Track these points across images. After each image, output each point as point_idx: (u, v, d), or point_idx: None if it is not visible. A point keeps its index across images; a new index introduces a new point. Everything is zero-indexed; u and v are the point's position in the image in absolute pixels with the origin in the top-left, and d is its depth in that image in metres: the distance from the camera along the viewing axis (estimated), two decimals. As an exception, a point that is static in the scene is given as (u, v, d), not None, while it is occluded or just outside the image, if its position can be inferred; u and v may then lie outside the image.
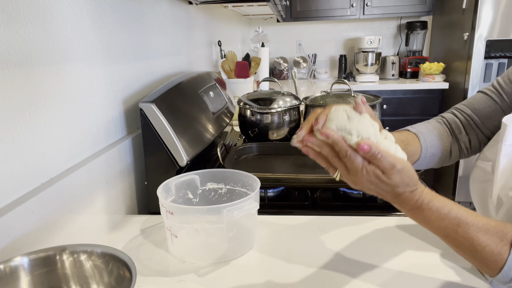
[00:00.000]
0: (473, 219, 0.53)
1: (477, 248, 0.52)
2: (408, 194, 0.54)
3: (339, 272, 0.68)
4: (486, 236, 0.52)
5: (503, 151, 0.62)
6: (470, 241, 0.52)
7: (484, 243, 0.52)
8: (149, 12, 1.19)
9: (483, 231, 0.52)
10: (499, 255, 0.51)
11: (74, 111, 0.79)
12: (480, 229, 0.53)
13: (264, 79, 1.63)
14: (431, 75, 3.04)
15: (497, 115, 0.74)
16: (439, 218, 0.54)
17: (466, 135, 0.78)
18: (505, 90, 0.74)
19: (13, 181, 0.62)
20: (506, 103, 0.73)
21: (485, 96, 0.76)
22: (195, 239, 0.75)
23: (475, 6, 2.63)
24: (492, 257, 0.52)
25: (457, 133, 0.79)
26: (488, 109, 0.75)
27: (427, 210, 0.54)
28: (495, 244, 0.52)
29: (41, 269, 0.55)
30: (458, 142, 0.79)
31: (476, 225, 0.53)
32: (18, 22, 0.63)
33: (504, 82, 0.74)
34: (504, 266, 0.51)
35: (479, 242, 0.52)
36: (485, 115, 0.76)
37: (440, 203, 0.54)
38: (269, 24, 3.70)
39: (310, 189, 1.08)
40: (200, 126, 1.11)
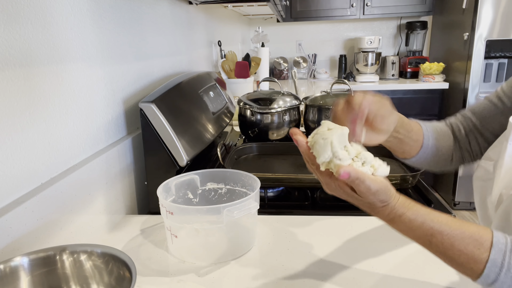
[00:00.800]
0: (448, 229, 0.54)
1: (452, 256, 0.53)
2: (380, 208, 0.55)
3: (339, 272, 0.68)
4: (462, 245, 0.52)
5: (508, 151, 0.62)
6: (444, 250, 0.53)
7: (459, 252, 0.52)
8: (149, 12, 1.19)
9: (458, 240, 0.53)
10: (475, 263, 0.51)
11: (74, 111, 0.79)
12: (455, 238, 0.53)
13: (264, 79, 1.63)
14: (431, 75, 3.04)
15: (498, 117, 0.74)
16: (412, 230, 0.55)
17: (467, 138, 0.79)
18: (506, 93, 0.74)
19: (13, 181, 0.62)
20: (507, 106, 0.74)
21: (487, 100, 0.78)
22: (195, 239, 0.75)
23: (475, 6, 2.63)
24: (468, 265, 0.52)
25: (459, 136, 0.80)
26: (487, 112, 0.76)
27: (399, 222, 0.56)
28: (474, 250, 0.52)
29: (41, 269, 0.55)
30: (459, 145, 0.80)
31: (450, 234, 0.53)
32: (18, 22, 0.63)
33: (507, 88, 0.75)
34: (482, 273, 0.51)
35: (453, 251, 0.53)
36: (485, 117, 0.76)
37: (413, 215, 0.55)
38: (269, 24, 3.70)
39: (310, 189, 1.08)
40: (200, 126, 1.11)
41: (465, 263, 0.52)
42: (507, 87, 0.75)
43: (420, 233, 0.55)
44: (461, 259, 0.52)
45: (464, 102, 2.82)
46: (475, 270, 0.51)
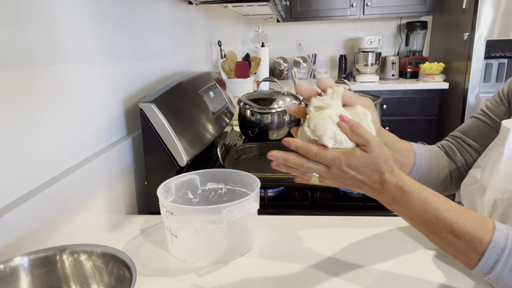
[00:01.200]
0: (452, 206, 0.53)
1: (457, 235, 0.51)
2: (389, 175, 0.52)
3: (339, 272, 0.68)
4: (467, 224, 0.51)
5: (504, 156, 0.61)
6: (450, 228, 0.51)
7: (464, 230, 0.51)
8: (149, 12, 1.19)
9: (463, 218, 0.52)
10: (479, 243, 0.50)
11: (74, 111, 0.79)
12: (459, 216, 0.52)
13: (264, 79, 1.63)
14: (431, 75, 3.04)
15: (489, 134, 0.76)
16: (421, 201, 0.52)
17: (461, 156, 0.80)
18: (492, 110, 0.76)
19: (13, 181, 0.62)
20: (496, 122, 0.76)
21: (475, 119, 0.79)
22: (195, 239, 0.75)
23: (475, 6, 2.63)
24: (472, 245, 0.51)
25: (452, 155, 0.81)
26: (478, 130, 0.78)
27: (408, 193, 0.53)
28: (477, 230, 0.51)
29: (41, 269, 0.55)
30: (455, 164, 0.81)
31: (455, 211, 0.52)
32: (18, 22, 0.63)
33: (491, 104, 0.77)
34: (484, 253, 0.50)
35: (459, 229, 0.51)
36: (478, 136, 0.78)
37: (419, 185, 0.54)
38: (269, 24, 3.70)
39: (310, 189, 1.08)
40: (200, 126, 1.11)
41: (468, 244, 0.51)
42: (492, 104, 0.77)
43: (428, 206, 0.52)
44: (466, 238, 0.51)
45: (464, 102, 2.82)
46: (477, 251, 0.50)
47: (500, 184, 0.62)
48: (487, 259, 0.50)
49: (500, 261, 0.50)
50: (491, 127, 0.76)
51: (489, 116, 0.77)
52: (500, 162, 0.62)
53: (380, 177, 0.52)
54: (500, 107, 0.75)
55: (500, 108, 0.75)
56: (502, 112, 0.75)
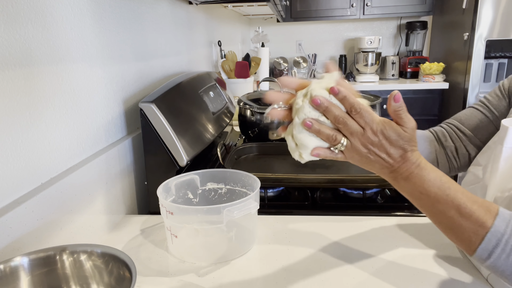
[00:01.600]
0: (461, 188, 0.54)
1: (464, 215, 0.52)
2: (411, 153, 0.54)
3: (339, 272, 0.68)
4: (474, 206, 0.52)
5: (503, 154, 0.62)
6: (458, 208, 0.52)
7: (471, 211, 0.52)
8: (149, 12, 1.19)
9: (471, 200, 0.53)
10: (482, 225, 0.51)
11: (74, 111, 0.79)
12: (468, 198, 0.53)
13: (264, 79, 1.63)
14: (431, 75, 3.04)
15: (486, 125, 0.76)
16: (435, 179, 0.54)
17: (452, 142, 0.81)
18: (493, 104, 0.76)
19: (13, 181, 0.62)
20: (494, 115, 0.76)
21: (473, 109, 0.80)
22: (195, 239, 0.75)
23: (475, 6, 2.63)
24: (475, 227, 0.52)
25: (443, 140, 0.82)
26: (476, 120, 0.78)
27: (425, 169, 0.54)
28: (482, 213, 0.52)
29: (41, 269, 0.55)
30: (444, 150, 0.81)
31: (464, 193, 0.53)
32: (18, 22, 0.63)
33: (491, 97, 0.77)
34: (485, 238, 0.51)
35: (466, 210, 0.52)
36: (474, 126, 0.78)
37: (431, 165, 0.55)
38: (269, 24, 3.70)
39: (310, 189, 1.08)
40: (200, 126, 1.11)
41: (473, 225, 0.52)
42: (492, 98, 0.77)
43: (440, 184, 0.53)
44: (471, 219, 0.52)
45: (464, 102, 2.82)
46: (479, 234, 0.51)
47: (499, 183, 0.62)
48: (486, 243, 0.51)
49: (498, 246, 0.51)
50: (490, 119, 0.76)
51: (488, 109, 0.77)
52: (499, 160, 0.62)
53: (405, 154, 0.54)
54: (501, 102, 0.75)
55: (500, 102, 0.75)
56: (502, 107, 0.75)
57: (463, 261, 0.70)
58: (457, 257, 0.71)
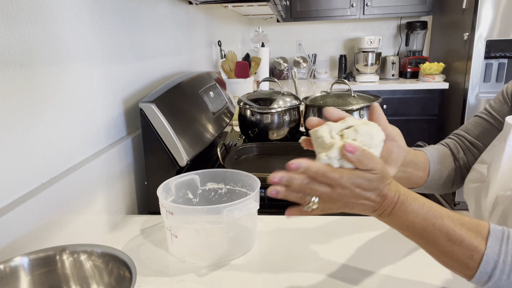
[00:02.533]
0: (446, 212, 0.53)
1: (454, 242, 0.51)
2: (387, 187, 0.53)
3: (339, 272, 0.68)
4: (463, 230, 0.51)
5: (506, 152, 0.61)
6: (447, 235, 0.51)
7: (461, 237, 0.51)
8: (149, 12, 1.19)
9: (459, 224, 0.51)
10: (475, 250, 0.50)
11: (74, 111, 0.79)
12: (455, 222, 0.52)
13: (264, 79, 1.63)
14: (431, 75, 3.04)
15: (492, 132, 0.76)
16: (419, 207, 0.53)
17: (464, 154, 0.81)
18: (495, 109, 0.76)
19: (13, 181, 0.62)
20: (498, 120, 0.76)
21: (478, 118, 0.80)
22: (195, 239, 0.75)
23: (475, 6, 2.63)
24: (469, 253, 0.50)
25: (456, 152, 0.81)
26: (481, 128, 0.78)
27: (406, 201, 0.53)
28: (472, 238, 0.50)
29: (41, 269, 0.55)
30: (458, 162, 0.81)
31: (451, 217, 0.52)
32: (18, 22, 0.63)
33: (494, 103, 0.77)
34: (481, 261, 0.50)
35: (456, 236, 0.51)
36: (480, 135, 0.78)
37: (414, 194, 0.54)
38: (269, 24, 3.70)
39: (310, 189, 1.07)
40: (200, 126, 1.11)
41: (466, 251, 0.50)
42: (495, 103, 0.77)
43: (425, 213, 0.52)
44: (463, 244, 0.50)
45: (464, 102, 2.82)
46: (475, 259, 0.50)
47: (501, 181, 0.62)
48: (484, 266, 0.50)
49: (497, 268, 0.49)
50: (494, 126, 0.76)
51: (492, 115, 0.77)
52: (502, 158, 0.62)
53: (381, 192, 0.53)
54: (503, 106, 0.75)
55: (503, 107, 0.75)
56: (505, 111, 0.75)
57: (463, 261, 0.70)
58: (457, 257, 0.71)
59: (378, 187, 0.53)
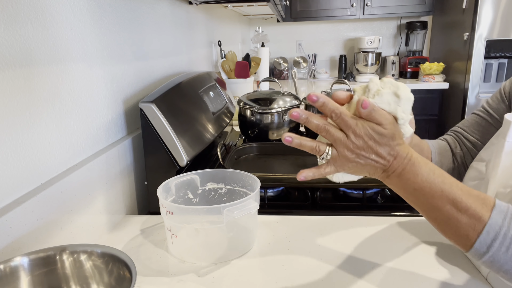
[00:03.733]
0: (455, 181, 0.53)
1: (460, 210, 0.51)
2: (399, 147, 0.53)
3: (339, 272, 0.68)
4: (470, 200, 0.51)
5: (505, 149, 0.62)
6: (454, 202, 0.51)
7: (466, 206, 0.51)
8: (149, 12, 1.19)
9: (467, 194, 0.52)
10: (479, 219, 0.50)
11: (74, 111, 0.79)
12: (463, 191, 0.52)
13: (264, 79, 1.63)
14: (431, 75, 3.04)
15: (488, 130, 0.77)
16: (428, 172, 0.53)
17: (461, 150, 0.82)
18: (493, 107, 0.77)
19: (13, 181, 0.62)
20: (495, 118, 0.77)
21: (475, 116, 0.81)
22: (195, 239, 0.75)
23: (475, 6, 2.63)
24: (472, 221, 0.51)
25: (453, 147, 0.83)
26: (477, 126, 0.79)
27: (417, 164, 0.53)
28: (478, 207, 0.51)
29: (41, 269, 0.55)
30: (455, 157, 0.83)
31: (459, 186, 0.52)
32: (18, 22, 0.63)
33: (492, 101, 0.78)
34: (482, 231, 0.50)
35: (462, 204, 0.51)
36: (477, 132, 0.79)
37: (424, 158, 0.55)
38: (269, 24, 3.70)
39: (310, 189, 1.08)
40: (200, 126, 1.11)
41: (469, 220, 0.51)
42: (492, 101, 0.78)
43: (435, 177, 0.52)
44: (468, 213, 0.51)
45: (464, 102, 2.82)
46: (476, 229, 0.50)
47: (501, 178, 0.62)
48: (484, 236, 0.50)
49: (497, 239, 0.50)
50: (491, 123, 0.77)
51: (489, 113, 0.78)
52: (501, 154, 0.62)
53: (392, 149, 0.53)
54: (500, 105, 0.76)
55: (500, 105, 0.76)
56: (502, 110, 0.76)
57: (463, 261, 0.70)
58: (457, 256, 0.71)
59: (389, 143, 0.53)
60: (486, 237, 0.50)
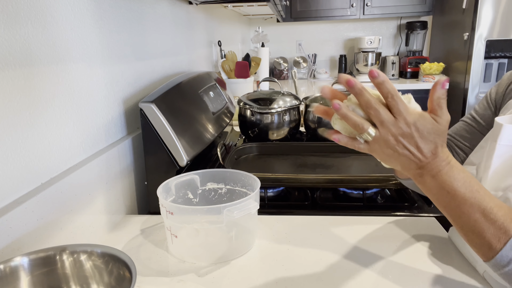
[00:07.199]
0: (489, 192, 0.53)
1: (488, 220, 0.51)
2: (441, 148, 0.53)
3: (338, 272, 0.68)
4: (500, 212, 0.51)
5: (496, 151, 0.61)
6: (483, 212, 0.51)
7: (496, 217, 0.51)
8: (149, 12, 1.19)
9: (498, 206, 0.52)
10: (506, 232, 0.50)
11: (74, 111, 0.79)
12: (495, 203, 0.52)
13: (264, 79, 1.63)
14: (431, 75, 3.04)
15: (475, 136, 0.77)
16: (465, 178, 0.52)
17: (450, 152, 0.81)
18: (479, 114, 0.77)
19: (13, 181, 0.62)
20: (481, 125, 0.77)
21: (462, 122, 0.81)
22: (195, 239, 0.75)
23: (475, 6, 2.63)
24: (498, 233, 0.51)
25: None
26: (465, 133, 0.80)
27: (455, 168, 0.53)
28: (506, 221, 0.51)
29: (41, 269, 0.55)
30: None
31: (491, 197, 0.52)
32: (18, 22, 0.63)
33: (479, 107, 0.78)
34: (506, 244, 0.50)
35: (491, 215, 0.51)
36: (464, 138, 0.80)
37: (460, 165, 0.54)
38: (269, 24, 3.70)
39: (310, 189, 1.08)
40: (200, 126, 1.11)
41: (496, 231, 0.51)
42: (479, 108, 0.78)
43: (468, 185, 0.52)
44: (496, 225, 0.51)
45: (464, 102, 2.82)
46: (501, 241, 0.50)
47: (492, 181, 0.62)
48: (508, 250, 0.50)
49: None
50: (477, 130, 0.77)
51: (475, 120, 0.78)
52: (492, 157, 0.62)
53: (435, 149, 0.52)
54: (487, 111, 0.76)
55: (486, 111, 0.76)
56: (487, 116, 0.76)
57: (460, 259, 0.70)
58: (455, 256, 0.71)
59: (435, 140, 0.52)
60: (508, 251, 0.50)
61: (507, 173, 0.61)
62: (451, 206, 0.54)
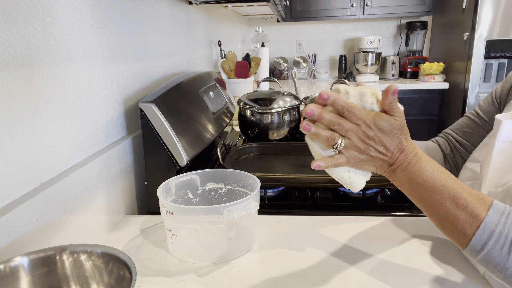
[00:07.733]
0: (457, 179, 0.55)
1: (459, 206, 0.53)
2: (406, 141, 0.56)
3: (339, 272, 0.68)
4: (470, 197, 0.53)
5: (496, 148, 0.62)
6: (454, 199, 0.53)
7: (466, 203, 0.53)
8: (149, 12, 1.19)
9: (467, 192, 0.54)
10: (476, 217, 0.52)
11: (74, 111, 0.79)
12: (464, 189, 0.54)
13: (264, 79, 1.63)
14: (431, 75, 3.04)
15: (478, 132, 0.78)
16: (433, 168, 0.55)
17: (451, 151, 0.83)
18: (484, 110, 0.78)
19: (13, 181, 0.62)
20: (485, 121, 0.78)
21: (466, 118, 0.82)
22: (195, 239, 0.75)
23: (475, 6, 2.63)
24: (470, 219, 0.52)
25: (444, 149, 0.84)
26: (467, 128, 0.80)
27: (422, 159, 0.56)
28: (476, 205, 0.52)
29: (41, 269, 0.55)
30: (446, 158, 0.84)
31: (460, 184, 0.54)
32: (18, 22, 0.63)
33: (483, 104, 0.79)
34: (478, 228, 0.51)
35: (461, 201, 0.53)
36: (467, 134, 0.81)
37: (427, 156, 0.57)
38: (269, 24, 3.70)
39: (310, 189, 1.08)
40: (200, 126, 1.11)
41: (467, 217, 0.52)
42: (484, 104, 0.79)
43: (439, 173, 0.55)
44: (467, 210, 0.52)
45: (464, 102, 2.82)
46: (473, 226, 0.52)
47: (491, 177, 0.63)
48: (480, 234, 0.51)
49: (492, 237, 0.51)
50: (481, 126, 0.78)
51: (479, 116, 0.79)
52: (492, 153, 0.63)
53: (401, 143, 0.56)
54: (491, 107, 0.77)
55: (490, 108, 0.77)
56: (491, 112, 0.77)
57: (461, 259, 0.70)
58: (455, 256, 0.71)
59: (398, 136, 0.55)
60: (482, 235, 0.52)
61: (507, 169, 0.61)
62: (423, 196, 0.56)
